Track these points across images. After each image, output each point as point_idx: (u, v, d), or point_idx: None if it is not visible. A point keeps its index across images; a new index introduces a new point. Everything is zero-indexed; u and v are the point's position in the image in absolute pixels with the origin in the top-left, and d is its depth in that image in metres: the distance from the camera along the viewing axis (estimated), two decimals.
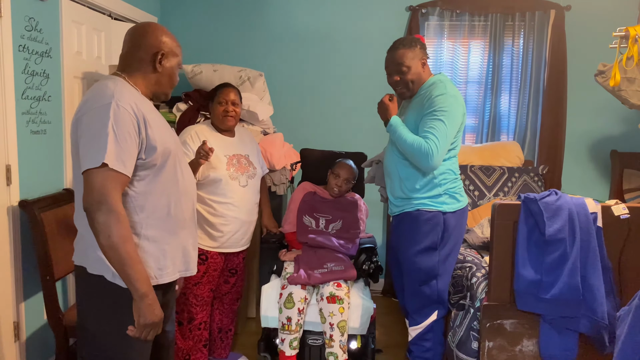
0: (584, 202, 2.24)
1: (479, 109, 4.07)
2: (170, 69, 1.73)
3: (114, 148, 1.48)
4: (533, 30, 3.92)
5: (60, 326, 2.39)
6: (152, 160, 1.60)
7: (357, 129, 4.10)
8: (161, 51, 1.68)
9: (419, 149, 2.23)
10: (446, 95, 2.27)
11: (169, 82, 1.75)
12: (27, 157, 2.51)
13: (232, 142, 2.69)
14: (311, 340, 2.68)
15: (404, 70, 2.36)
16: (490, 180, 3.66)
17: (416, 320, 2.51)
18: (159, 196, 1.64)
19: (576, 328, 2.19)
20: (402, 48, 2.37)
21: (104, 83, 1.60)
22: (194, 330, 2.66)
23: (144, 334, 1.58)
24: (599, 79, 3.16)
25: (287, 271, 2.76)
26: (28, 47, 2.49)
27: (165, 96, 1.79)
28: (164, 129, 1.69)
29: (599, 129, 4.05)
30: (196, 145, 2.55)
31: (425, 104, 2.30)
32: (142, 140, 1.57)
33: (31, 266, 2.52)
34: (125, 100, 1.55)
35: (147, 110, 1.62)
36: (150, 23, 1.76)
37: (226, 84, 2.75)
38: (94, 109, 1.53)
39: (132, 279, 1.51)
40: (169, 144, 1.68)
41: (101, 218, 1.46)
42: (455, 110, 2.27)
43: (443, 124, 2.23)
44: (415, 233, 2.40)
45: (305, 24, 4.09)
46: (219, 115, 2.63)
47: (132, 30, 1.73)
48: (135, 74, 1.69)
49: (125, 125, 1.52)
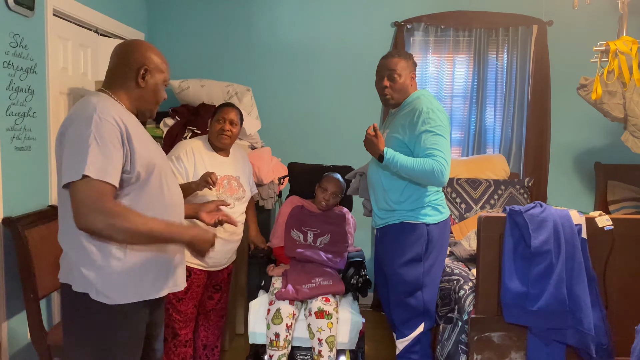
0: (568, 214, 2.26)
1: (464, 122, 4.11)
2: (155, 85, 1.72)
3: (95, 159, 1.47)
4: (516, 45, 3.99)
5: (44, 345, 2.34)
6: (136, 174, 1.60)
7: (345, 143, 4.12)
8: (144, 66, 1.68)
9: (430, 170, 2.22)
10: (435, 110, 2.32)
11: (153, 99, 1.74)
12: (11, 174, 2.48)
13: (226, 163, 2.68)
14: (300, 356, 2.66)
15: (395, 77, 2.40)
16: (476, 193, 3.69)
17: (403, 333, 2.50)
18: (144, 210, 1.62)
19: (563, 339, 2.20)
20: (397, 57, 2.43)
21: (88, 99, 1.61)
22: (179, 347, 2.62)
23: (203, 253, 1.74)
24: (581, 92, 3.22)
25: (275, 286, 2.74)
26: (13, 63, 2.47)
27: (150, 113, 1.78)
28: (148, 143, 1.69)
29: (582, 142, 4.12)
30: (190, 162, 2.55)
31: (415, 119, 2.32)
32: (126, 151, 1.57)
33: (14, 284, 2.47)
34: (108, 113, 1.55)
35: (131, 124, 1.62)
36: (137, 40, 1.77)
37: (229, 103, 2.75)
38: (76, 123, 1.53)
39: (174, 237, 1.65)
40: (154, 158, 1.67)
41: (102, 225, 1.47)
42: (446, 124, 2.33)
43: (443, 139, 2.27)
44: (400, 245, 2.41)
45: (292, 39, 4.12)
46: (216, 132, 2.63)
47: (118, 47, 1.74)
48: (119, 89, 1.69)
49: (108, 136, 1.51)
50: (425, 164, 2.23)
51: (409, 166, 2.26)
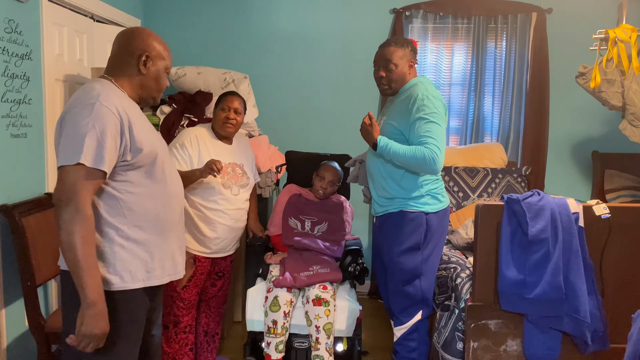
0: (565, 203, 2.26)
1: (462, 111, 4.10)
2: (156, 72, 1.72)
3: (92, 146, 1.48)
4: (515, 32, 3.97)
5: (42, 333, 2.35)
6: (138, 162, 1.61)
7: (342, 131, 4.11)
8: (146, 53, 1.68)
9: (422, 157, 2.22)
10: (430, 97, 2.30)
11: (155, 86, 1.74)
12: (7, 161, 2.47)
13: (229, 150, 2.68)
14: (297, 343, 2.67)
15: (391, 68, 2.39)
16: (474, 181, 3.69)
17: (401, 321, 2.52)
18: (147, 199, 1.64)
19: (559, 327, 2.21)
20: (394, 46, 2.41)
21: (91, 85, 1.61)
22: (179, 334, 2.64)
23: (83, 344, 1.50)
24: (579, 80, 3.21)
25: (273, 274, 2.75)
26: (8, 49, 2.45)
27: (152, 100, 1.78)
28: (150, 132, 1.70)
29: (580, 130, 4.11)
30: (194, 150, 2.55)
31: (410, 106, 2.31)
32: (126, 142, 1.57)
33: (12, 272, 2.47)
34: (111, 101, 1.55)
35: (133, 113, 1.63)
36: (139, 27, 1.77)
37: (233, 92, 2.75)
38: (77, 108, 1.53)
39: (84, 283, 1.47)
40: (155, 146, 1.68)
41: (66, 215, 1.46)
42: (441, 111, 2.31)
43: (437, 126, 2.26)
44: (399, 233, 2.42)
45: (289, 26, 4.09)
46: (220, 121, 2.63)
47: (120, 34, 1.74)
48: (121, 76, 1.69)
49: (107, 125, 1.52)
50: (417, 151, 2.23)
51: (400, 154, 2.27)
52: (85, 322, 1.48)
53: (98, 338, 1.51)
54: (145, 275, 1.66)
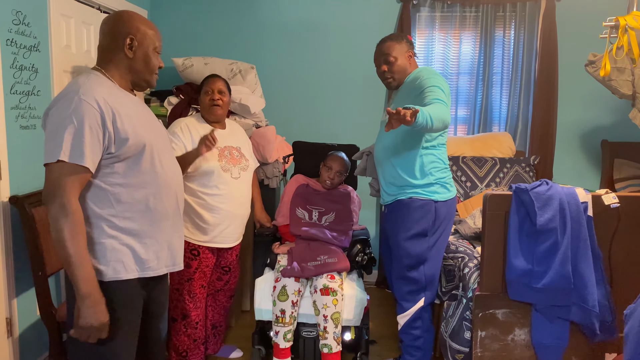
0: (574, 192, 2.25)
1: (470, 100, 4.07)
2: (144, 53, 1.69)
3: (71, 142, 1.49)
4: (524, 21, 3.93)
5: (53, 321, 2.38)
6: (124, 153, 1.59)
7: (349, 121, 4.10)
8: (129, 35, 1.65)
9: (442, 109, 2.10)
10: (434, 77, 2.31)
11: (145, 68, 1.71)
12: (17, 153, 2.49)
13: (223, 134, 2.66)
14: (305, 332, 2.69)
15: (391, 61, 2.45)
16: (482, 171, 3.67)
17: (403, 307, 2.53)
18: (136, 189, 1.63)
19: (567, 317, 2.21)
20: (390, 41, 2.48)
21: (76, 79, 1.61)
22: (189, 328, 2.64)
23: (83, 336, 1.52)
24: (589, 69, 3.17)
25: (281, 264, 2.76)
26: (16, 41, 2.46)
27: (147, 83, 1.74)
28: (141, 122, 1.66)
29: (589, 119, 4.08)
30: (186, 137, 2.54)
31: (415, 87, 2.33)
32: (109, 134, 1.55)
33: (23, 262, 2.50)
34: (91, 95, 1.54)
35: (121, 104, 1.60)
36: (121, 11, 1.71)
37: (213, 74, 2.74)
38: (58, 104, 1.54)
39: (76, 277, 1.49)
40: (144, 136, 1.65)
41: (53, 211, 1.48)
42: (445, 87, 2.29)
43: (442, 92, 2.22)
44: (407, 219, 2.43)
45: (296, 16, 4.07)
46: (207, 105, 2.62)
47: (103, 22, 1.70)
48: (110, 65, 1.67)
49: (86, 118, 1.51)
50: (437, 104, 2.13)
51: (432, 111, 2.05)
52: (82, 315, 1.51)
53: (97, 329, 1.53)
54: (139, 266, 1.66)
